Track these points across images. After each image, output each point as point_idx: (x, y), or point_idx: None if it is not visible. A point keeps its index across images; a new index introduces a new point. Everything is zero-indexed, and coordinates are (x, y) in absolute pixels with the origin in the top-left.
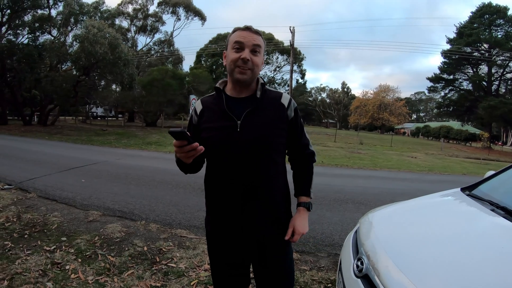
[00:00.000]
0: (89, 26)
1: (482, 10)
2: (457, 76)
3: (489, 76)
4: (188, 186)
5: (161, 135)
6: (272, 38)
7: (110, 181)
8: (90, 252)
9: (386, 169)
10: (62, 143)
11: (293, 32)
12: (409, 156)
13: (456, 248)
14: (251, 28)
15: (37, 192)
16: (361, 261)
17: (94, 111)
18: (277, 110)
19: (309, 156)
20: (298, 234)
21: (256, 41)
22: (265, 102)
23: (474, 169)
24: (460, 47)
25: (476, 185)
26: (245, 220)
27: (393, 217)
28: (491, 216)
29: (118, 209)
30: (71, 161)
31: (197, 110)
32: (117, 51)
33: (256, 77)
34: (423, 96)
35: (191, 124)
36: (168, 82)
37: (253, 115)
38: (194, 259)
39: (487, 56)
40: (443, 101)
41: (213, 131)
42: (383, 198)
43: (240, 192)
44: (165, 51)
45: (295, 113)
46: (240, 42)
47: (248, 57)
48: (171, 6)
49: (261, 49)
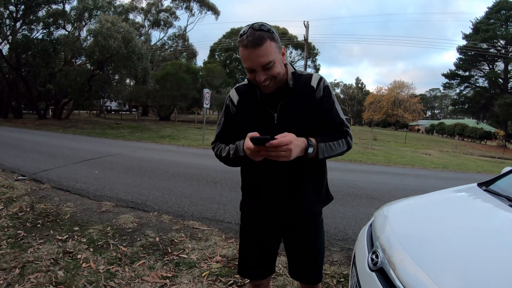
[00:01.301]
0: (103, 20)
1: (499, 5)
2: (473, 73)
3: (505, 73)
4: (201, 179)
5: (175, 129)
6: (286, 33)
7: (123, 173)
8: (102, 242)
9: (400, 165)
10: (76, 136)
11: (307, 27)
12: (423, 153)
13: (473, 243)
14: (249, 43)
15: (50, 183)
16: (376, 255)
17: (108, 105)
18: (308, 95)
19: (343, 132)
20: (288, 140)
21: (262, 60)
22: (298, 90)
23: (489, 168)
24: (476, 43)
25: (493, 180)
26: (288, 202)
27: (409, 211)
28: (509, 211)
29: (131, 200)
30: (85, 153)
31: (234, 101)
32: (131, 45)
33: (281, 77)
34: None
35: (228, 113)
36: (181, 77)
37: (288, 106)
38: (206, 251)
39: (504, 52)
40: (458, 98)
41: (250, 123)
42: (397, 194)
43: (281, 179)
44: (179, 46)
45: (323, 91)
46: (249, 68)
47: (262, 78)
48: (184, 1)
49: (273, 60)
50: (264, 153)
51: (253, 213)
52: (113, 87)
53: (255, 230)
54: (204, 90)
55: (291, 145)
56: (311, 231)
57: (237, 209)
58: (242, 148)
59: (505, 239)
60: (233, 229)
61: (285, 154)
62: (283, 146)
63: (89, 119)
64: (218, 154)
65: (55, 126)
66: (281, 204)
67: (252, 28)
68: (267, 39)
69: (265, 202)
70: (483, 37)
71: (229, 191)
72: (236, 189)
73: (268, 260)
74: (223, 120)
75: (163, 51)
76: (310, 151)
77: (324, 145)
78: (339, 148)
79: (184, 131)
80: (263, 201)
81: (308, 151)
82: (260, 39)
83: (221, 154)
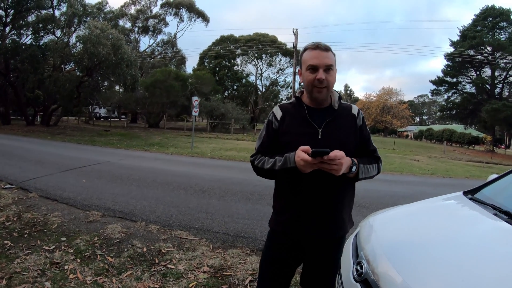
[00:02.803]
0: (92, 27)
1: (486, 12)
2: (460, 79)
3: (492, 79)
4: (189, 188)
5: (164, 137)
6: (275, 40)
7: (111, 181)
8: (89, 252)
9: (389, 172)
10: (65, 143)
11: (296, 34)
12: (411, 159)
13: (458, 253)
14: (321, 45)
15: (38, 192)
16: (360, 265)
17: (97, 112)
18: (350, 120)
19: (377, 158)
20: (342, 155)
21: (328, 61)
22: (341, 113)
23: (477, 173)
24: (464, 50)
25: (479, 188)
26: (318, 220)
27: (394, 221)
28: (494, 220)
29: (119, 209)
30: (73, 161)
31: (277, 116)
32: (120, 52)
33: (330, 92)
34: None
35: (270, 128)
36: (171, 84)
37: (332, 124)
38: (193, 261)
39: (491, 59)
40: (446, 104)
41: (295, 136)
42: (385, 201)
43: (317, 193)
44: (168, 53)
45: (363, 121)
46: (314, 65)
47: (323, 77)
48: (174, 7)
49: (333, 66)
50: (318, 165)
51: (283, 230)
52: (102, 94)
53: (281, 246)
54: (193, 98)
55: (343, 160)
56: (336, 251)
57: (224, 218)
58: (293, 159)
59: (490, 248)
60: (221, 238)
61: (337, 168)
62: (337, 160)
63: (77, 126)
64: (260, 166)
65: (44, 133)
66: (315, 223)
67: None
68: (331, 51)
69: (299, 220)
70: (470, 44)
71: (217, 200)
72: (224, 198)
73: (286, 276)
74: (265, 134)
75: (153, 58)
76: (354, 169)
77: (364, 167)
78: (373, 171)
79: (173, 139)
80: (297, 219)
81: (352, 169)
82: (328, 47)
83: (263, 166)
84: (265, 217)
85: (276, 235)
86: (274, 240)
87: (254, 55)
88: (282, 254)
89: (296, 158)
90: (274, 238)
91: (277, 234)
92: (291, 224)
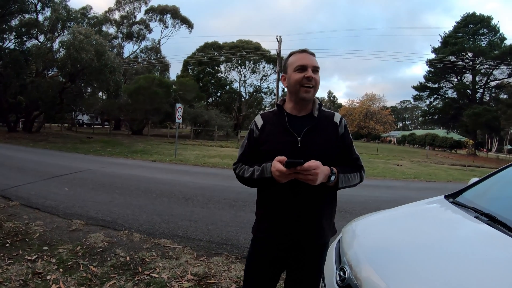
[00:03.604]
0: (75, 32)
1: (467, 19)
2: (442, 85)
3: (473, 84)
4: (172, 196)
5: (147, 144)
6: (259, 47)
7: (94, 189)
8: (72, 262)
9: (372, 177)
10: (47, 151)
11: (279, 41)
12: (395, 164)
13: (440, 257)
14: (308, 50)
15: (19, 200)
16: (343, 271)
17: (80, 119)
18: (332, 128)
19: (359, 166)
20: (317, 165)
21: (315, 63)
22: (322, 121)
23: (459, 176)
24: (445, 56)
25: (460, 192)
26: (299, 228)
27: (376, 226)
28: (475, 223)
29: (102, 218)
30: (55, 169)
31: (258, 125)
32: (104, 58)
33: (315, 95)
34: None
35: (251, 137)
36: (154, 90)
37: (312, 132)
38: (177, 269)
39: (471, 64)
40: (428, 109)
41: (274, 144)
42: (368, 206)
43: (297, 201)
44: (152, 59)
45: (345, 129)
46: (303, 64)
47: (312, 75)
48: (158, 13)
49: (319, 70)
50: (293, 175)
51: (265, 237)
52: (85, 100)
53: (265, 253)
54: (176, 104)
55: (318, 170)
56: (319, 258)
57: (208, 226)
58: (270, 170)
59: (472, 251)
60: (204, 246)
61: (312, 178)
62: (312, 170)
63: (60, 133)
64: (240, 175)
65: (26, 140)
66: (296, 231)
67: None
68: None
69: (280, 228)
70: (451, 50)
71: (200, 208)
72: (207, 206)
73: (270, 283)
74: (246, 142)
75: (136, 64)
76: (333, 178)
77: (344, 176)
78: (354, 180)
79: (156, 146)
80: (278, 227)
81: (330, 179)
82: (312, 53)
83: (243, 175)
84: (248, 224)
85: (259, 242)
86: (258, 247)
87: (238, 62)
88: (265, 261)
89: (272, 169)
90: (257, 245)
91: (260, 241)
92: (272, 231)
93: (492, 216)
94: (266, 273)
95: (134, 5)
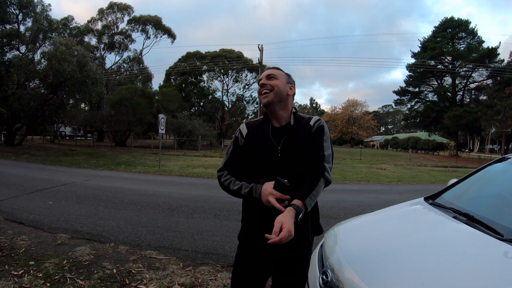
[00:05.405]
0: (57, 43)
1: (445, 24)
2: (423, 88)
3: (453, 87)
4: (157, 207)
5: (131, 155)
6: (241, 56)
7: (78, 203)
8: (58, 276)
9: (356, 182)
10: (30, 164)
11: (261, 50)
12: (378, 168)
13: (420, 258)
14: (266, 67)
15: (3, 215)
16: (326, 275)
17: (63, 131)
18: (306, 131)
19: (320, 168)
20: (287, 231)
21: (268, 72)
22: (298, 128)
23: (442, 177)
24: (425, 61)
25: (439, 193)
26: None
27: (358, 230)
28: (454, 223)
29: (87, 231)
30: (39, 183)
31: (243, 133)
32: (86, 70)
33: (280, 99)
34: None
35: (236, 144)
36: (137, 101)
37: (289, 140)
38: (163, 280)
39: (451, 68)
40: (409, 113)
41: (257, 153)
42: (352, 211)
43: (278, 212)
44: (135, 69)
45: (317, 129)
46: (259, 79)
47: (265, 82)
48: (141, 24)
49: (278, 76)
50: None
51: (251, 244)
52: (68, 112)
53: (251, 260)
54: (159, 115)
55: (288, 233)
56: (303, 263)
57: (194, 236)
58: (259, 192)
59: (450, 251)
60: (191, 256)
61: (289, 238)
62: (284, 239)
63: (42, 145)
64: (226, 185)
65: (7, 153)
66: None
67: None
68: (279, 69)
69: (262, 235)
70: (431, 55)
71: (185, 218)
72: (192, 216)
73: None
74: (232, 149)
75: (119, 75)
76: (301, 216)
77: (309, 199)
78: (320, 189)
79: (140, 157)
80: (263, 233)
81: (299, 217)
82: (276, 67)
83: (229, 186)
84: (234, 232)
85: (244, 248)
86: (243, 254)
87: (221, 71)
88: (251, 267)
89: (263, 197)
90: (243, 252)
91: (245, 248)
92: (258, 238)
93: (470, 215)
94: (253, 279)
95: (117, 15)
